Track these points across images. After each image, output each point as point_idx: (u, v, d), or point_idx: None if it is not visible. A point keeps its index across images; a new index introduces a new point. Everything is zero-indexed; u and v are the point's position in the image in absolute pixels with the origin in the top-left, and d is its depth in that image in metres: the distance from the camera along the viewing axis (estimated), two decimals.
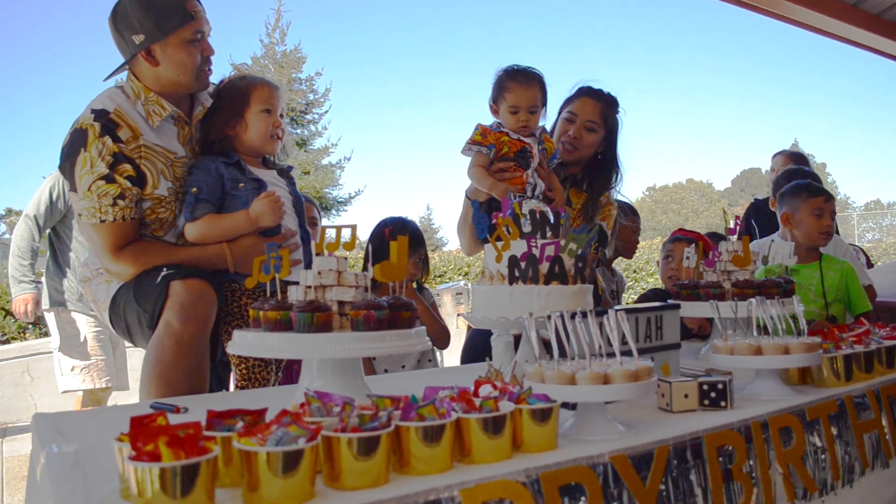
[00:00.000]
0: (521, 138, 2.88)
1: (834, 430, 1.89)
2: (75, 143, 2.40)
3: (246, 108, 2.58)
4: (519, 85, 2.91)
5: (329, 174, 26.53)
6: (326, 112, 27.25)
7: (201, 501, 1.02)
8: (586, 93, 3.28)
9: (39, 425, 1.65)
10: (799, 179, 3.81)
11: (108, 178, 2.38)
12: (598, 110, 3.23)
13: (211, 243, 2.49)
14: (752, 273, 2.54)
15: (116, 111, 2.43)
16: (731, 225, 2.67)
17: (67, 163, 2.42)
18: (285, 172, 2.75)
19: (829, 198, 3.49)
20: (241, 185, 2.52)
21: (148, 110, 2.49)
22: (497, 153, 2.87)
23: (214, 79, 2.68)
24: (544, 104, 2.95)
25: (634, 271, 17.41)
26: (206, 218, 2.46)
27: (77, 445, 1.40)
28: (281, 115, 2.66)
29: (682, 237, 3.61)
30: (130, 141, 2.43)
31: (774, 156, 5.41)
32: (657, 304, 2.11)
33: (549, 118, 3.15)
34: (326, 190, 25.99)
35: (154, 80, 2.50)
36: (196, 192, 2.46)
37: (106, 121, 2.40)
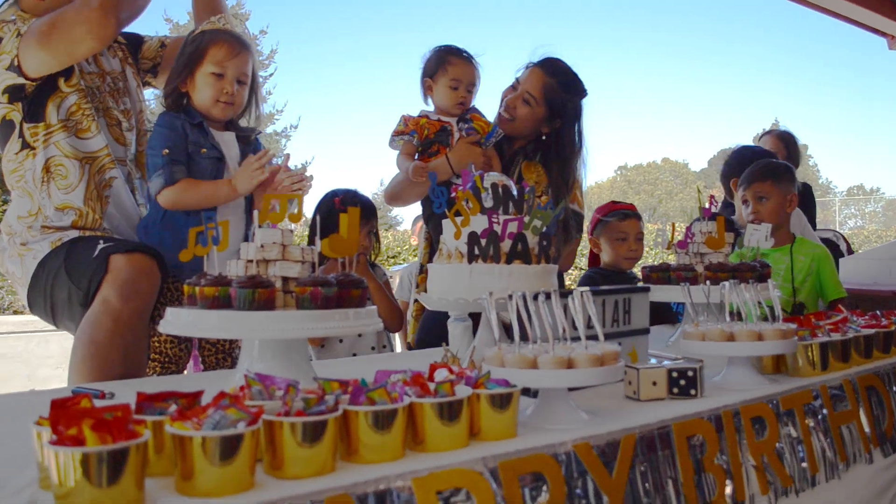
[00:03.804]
0: (441, 118, 3.08)
1: (810, 422, 1.94)
2: None
3: (197, 67, 2.56)
4: (462, 60, 3.10)
5: (274, 144, 26.24)
6: (272, 75, 26.95)
7: (129, 491, 1.00)
8: (537, 63, 3.29)
9: None
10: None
11: None
12: (540, 83, 3.23)
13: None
14: (726, 256, 2.58)
15: None
16: (706, 205, 2.70)
17: None
18: (243, 138, 2.74)
19: (750, 184, 3.50)
20: (204, 150, 2.54)
21: None
22: (420, 137, 3.06)
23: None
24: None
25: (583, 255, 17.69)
26: (183, 182, 2.48)
27: None
28: (241, 82, 2.62)
29: (629, 212, 3.61)
30: None
31: (761, 136, 5.20)
32: (626, 286, 2.14)
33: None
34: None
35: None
36: (168, 154, 2.47)
37: None
